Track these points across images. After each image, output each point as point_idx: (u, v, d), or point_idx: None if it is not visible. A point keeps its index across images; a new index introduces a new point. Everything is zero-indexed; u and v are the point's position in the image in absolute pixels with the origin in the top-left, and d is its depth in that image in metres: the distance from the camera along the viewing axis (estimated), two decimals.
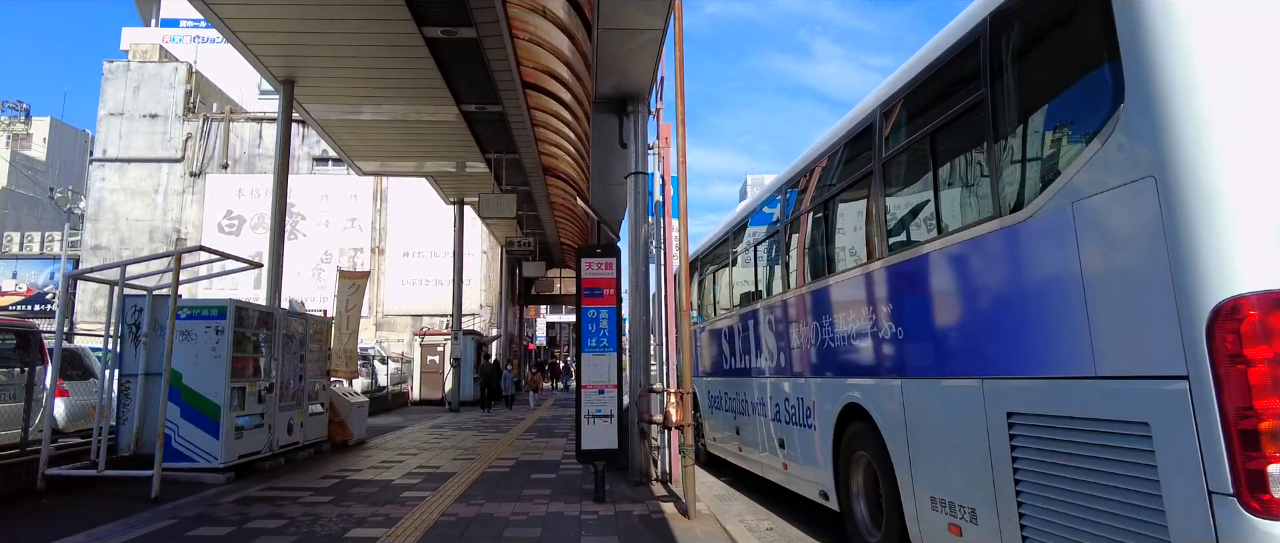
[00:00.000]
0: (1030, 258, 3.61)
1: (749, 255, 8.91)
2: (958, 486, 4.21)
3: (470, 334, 26.19)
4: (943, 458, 4.36)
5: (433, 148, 18.41)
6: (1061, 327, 3.34)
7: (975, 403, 3.98)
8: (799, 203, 7.05)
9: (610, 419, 7.44)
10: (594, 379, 7.51)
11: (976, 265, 4.05)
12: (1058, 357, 3.38)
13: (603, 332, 7.60)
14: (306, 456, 10.95)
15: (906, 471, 4.76)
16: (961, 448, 4.14)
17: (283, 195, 13.51)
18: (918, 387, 4.63)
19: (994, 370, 3.85)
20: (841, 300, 5.78)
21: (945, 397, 4.32)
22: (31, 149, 52.67)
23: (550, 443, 13.04)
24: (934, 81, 4.53)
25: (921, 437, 4.59)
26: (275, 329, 10.05)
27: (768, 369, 7.64)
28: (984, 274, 4.00)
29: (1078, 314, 3.22)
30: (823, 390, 6.20)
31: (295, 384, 10.79)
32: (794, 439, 6.90)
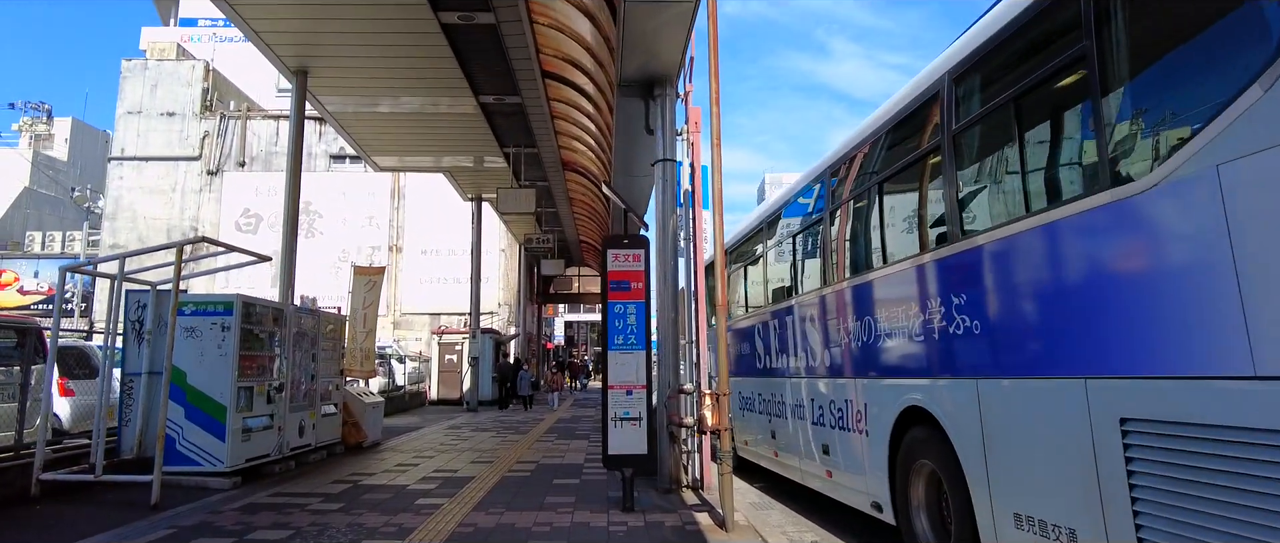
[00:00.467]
0: (1156, 234, 3.03)
1: (783, 249, 8.35)
2: (1051, 502, 3.63)
3: (488, 333, 25.77)
4: (1031, 470, 3.79)
5: (450, 142, 17.98)
6: (1202, 316, 2.77)
7: (1076, 407, 3.40)
8: (844, 189, 6.49)
9: (639, 423, 6.90)
10: (621, 379, 6.99)
11: (1079, 247, 3.47)
12: (1196, 353, 2.80)
13: (630, 328, 7.07)
14: (319, 459, 10.51)
15: (982, 483, 4.19)
16: (1057, 459, 3.57)
17: (296, 189, 13.10)
18: (999, 388, 4.06)
19: (1102, 369, 3.28)
20: (900, 293, 5.21)
21: (1035, 399, 3.75)
22: (53, 149, 52.90)
23: (571, 445, 12.54)
24: (1021, 36, 3.95)
25: (1003, 445, 4.02)
26: (285, 327, 9.61)
27: (808, 370, 7.08)
28: (1089, 257, 3.42)
29: (1226, 300, 2.65)
30: (875, 393, 5.63)
31: (307, 384, 10.35)
32: (840, 445, 6.33)
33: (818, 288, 6.90)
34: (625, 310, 7.09)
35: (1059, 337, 3.57)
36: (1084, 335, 3.40)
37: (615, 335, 7.06)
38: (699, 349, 8.07)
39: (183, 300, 8.42)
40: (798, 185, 7.90)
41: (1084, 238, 3.42)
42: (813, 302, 6.99)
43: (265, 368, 9.12)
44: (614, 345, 7.05)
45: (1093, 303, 3.37)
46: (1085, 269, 3.46)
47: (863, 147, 6.07)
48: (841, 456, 6.33)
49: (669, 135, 8.45)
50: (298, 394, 10.02)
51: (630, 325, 7.07)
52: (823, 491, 6.92)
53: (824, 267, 6.72)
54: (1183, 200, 2.87)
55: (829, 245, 6.58)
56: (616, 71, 9.03)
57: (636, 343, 7.05)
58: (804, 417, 7.24)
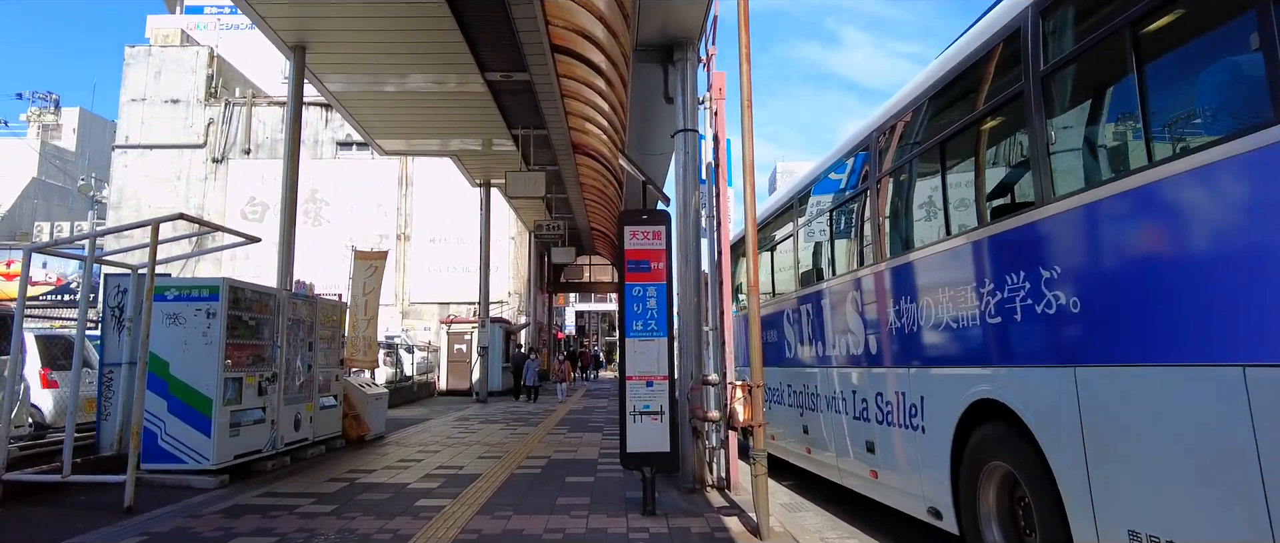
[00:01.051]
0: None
1: (816, 227, 7.63)
2: (1187, 517, 2.93)
3: (498, 322, 25.17)
4: (1157, 478, 3.08)
5: (457, 124, 17.30)
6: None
7: (1229, 400, 2.69)
8: (893, 157, 5.77)
9: (660, 417, 6.22)
10: (641, 369, 6.30)
11: (1236, 195, 2.75)
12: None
13: (650, 312, 6.38)
14: (316, 454, 9.89)
15: (1081, 492, 3.48)
16: (1198, 466, 2.86)
17: (294, 171, 12.49)
18: (1106, 378, 3.35)
19: (1270, 353, 2.56)
20: (967, 270, 4.50)
21: (1164, 391, 3.03)
22: (61, 139, 52.60)
23: (584, 439, 11.89)
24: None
25: (1112, 447, 3.31)
26: (279, 314, 8.97)
27: (848, 359, 6.37)
28: (1249, 211, 2.70)
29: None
30: (934, 384, 4.93)
31: (303, 375, 9.72)
32: (888, 443, 5.63)
33: (859, 268, 6.19)
34: (644, 293, 6.39)
35: (1204, 314, 2.85)
36: (1242, 309, 2.68)
37: (634, 321, 6.37)
38: (724, 336, 7.38)
39: (165, 285, 7.80)
40: (831, 158, 7.18)
41: (1244, 182, 2.69)
42: (853, 284, 6.28)
43: (257, 358, 8.49)
44: (632, 332, 6.37)
45: (1254, 267, 2.65)
46: (1238, 225, 2.74)
47: (915, 107, 5.34)
48: (890, 454, 5.63)
49: (690, 104, 7.73)
50: (293, 386, 9.39)
51: (650, 310, 6.37)
52: (866, 492, 6.23)
53: (868, 244, 6.00)
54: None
55: (874, 220, 5.85)
56: (632, 37, 8.32)
57: (657, 329, 6.36)
58: (842, 410, 6.54)
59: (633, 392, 6.25)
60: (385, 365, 22.58)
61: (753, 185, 5.64)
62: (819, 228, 7.45)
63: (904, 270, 5.35)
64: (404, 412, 17.97)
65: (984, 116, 4.51)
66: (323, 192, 31.70)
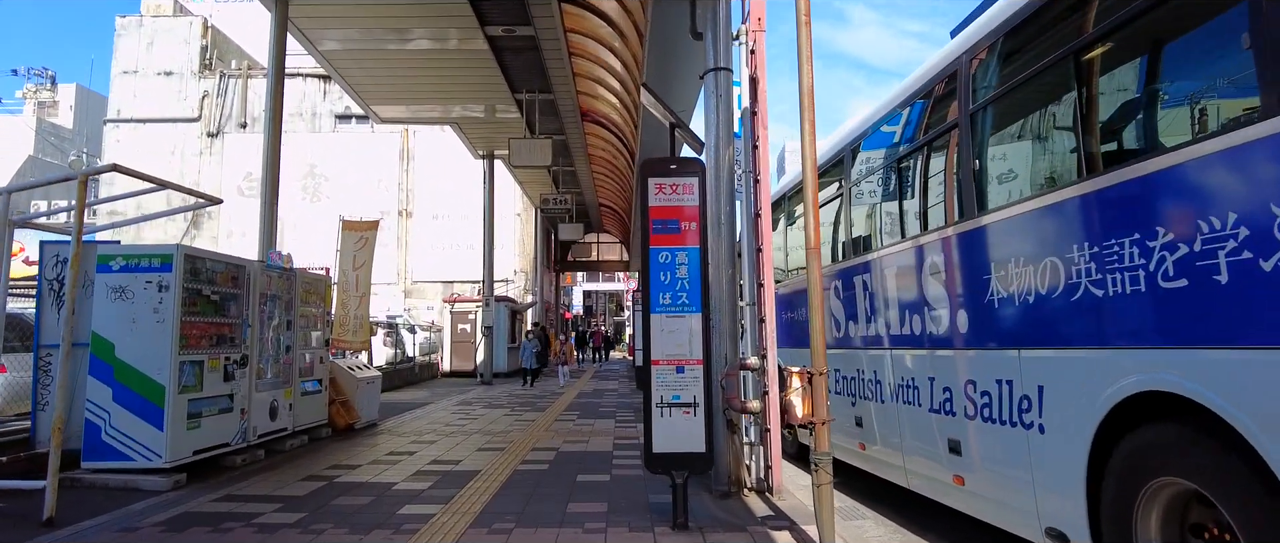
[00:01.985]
0: None
1: (878, 180, 6.47)
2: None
3: (503, 301, 24.10)
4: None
5: (457, 87, 16.12)
6: None
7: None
8: (1000, 78, 4.58)
9: (694, 410, 5.09)
10: (669, 352, 5.16)
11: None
12: None
13: (681, 282, 5.23)
14: (297, 445, 8.83)
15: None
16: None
17: (276, 135, 11.38)
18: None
19: None
20: (1135, 215, 3.33)
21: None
22: (58, 116, 51.50)
23: (595, 427, 10.80)
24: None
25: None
26: (249, 287, 7.87)
27: (924, 338, 5.23)
28: None
29: None
30: (1063, 370, 3.78)
31: (281, 357, 8.64)
32: (985, 444, 4.49)
33: (945, 227, 5.02)
34: (673, 260, 5.24)
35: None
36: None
37: (660, 293, 5.23)
38: (764, 312, 6.23)
39: (109, 253, 6.70)
40: (897, 97, 5.98)
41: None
42: (938, 246, 5.12)
43: (223, 338, 7.40)
44: (658, 306, 5.22)
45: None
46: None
47: (1038, 9, 4.14)
48: (986, 458, 4.50)
49: (722, 39, 6.52)
50: (268, 369, 8.31)
51: (680, 280, 5.22)
52: (944, 501, 5.10)
53: (960, 193, 4.83)
54: None
55: (968, 166, 4.67)
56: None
57: (689, 303, 5.21)
58: (914, 401, 5.40)
59: (660, 380, 5.12)
60: (385, 346, 21.57)
61: (812, 119, 4.47)
62: (880, 182, 6.28)
63: (1017, 226, 4.18)
64: (403, 395, 16.95)
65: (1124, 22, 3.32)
66: (321, 166, 30.59)
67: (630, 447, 8.86)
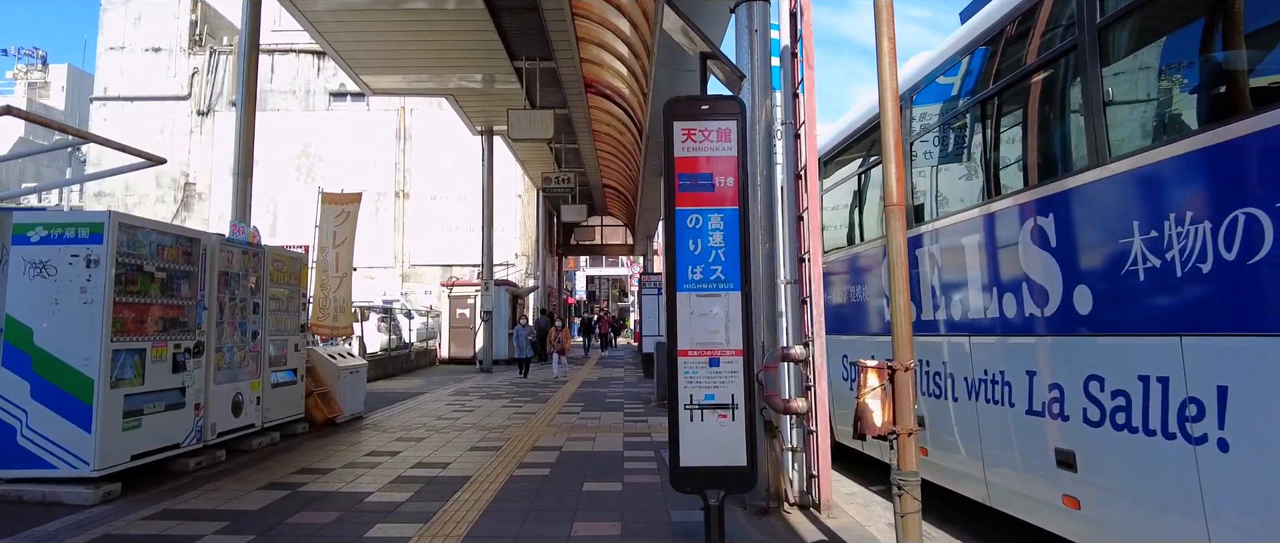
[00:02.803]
0: None
1: (949, 134, 5.40)
2: None
3: (503, 285, 23.07)
4: None
5: (452, 54, 14.99)
6: None
7: None
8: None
9: (732, 413, 4.05)
10: (700, 340, 4.11)
11: None
12: None
13: (715, 253, 4.17)
14: (265, 444, 7.80)
15: None
16: None
17: (251, 99, 10.31)
18: None
19: None
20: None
21: None
22: (49, 97, 50.35)
23: (602, 421, 9.78)
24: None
25: None
26: (205, 264, 6.82)
27: (1021, 322, 4.16)
28: None
29: None
30: (1266, 366, 2.71)
31: (246, 344, 7.60)
32: (1125, 461, 3.44)
33: (1053, 180, 3.94)
34: (704, 224, 4.17)
35: None
36: None
37: (688, 266, 4.16)
38: (809, 291, 5.17)
39: (28, 222, 5.65)
40: (976, 28, 4.89)
41: None
42: (1038, 207, 4.04)
43: (171, 322, 6.35)
44: (687, 282, 4.16)
45: None
46: None
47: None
48: (1123, 477, 3.44)
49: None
50: (230, 358, 7.28)
51: (714, 249, 4.16)
52: (1051, 528, 4.04)
53: (1083, 140, 3.74)
54: None
55: (1093, 102, 3.59)
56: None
57: (725, 278, 4.15)
58: (1003, 399, 4.34)
59: (688, 375, 4.07)
60: (379, 332, 20.58)
61: (892, 33, 3.39)
62: (952, 133, 5.21)
63: (1185, 169, 3.11)
64: (396, 384, 15.94)
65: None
66: (315, 146, 29.49)
67: (643, 445, 7.84)
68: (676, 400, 4.05)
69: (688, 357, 4.09)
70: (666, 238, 4.21)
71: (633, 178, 24.27)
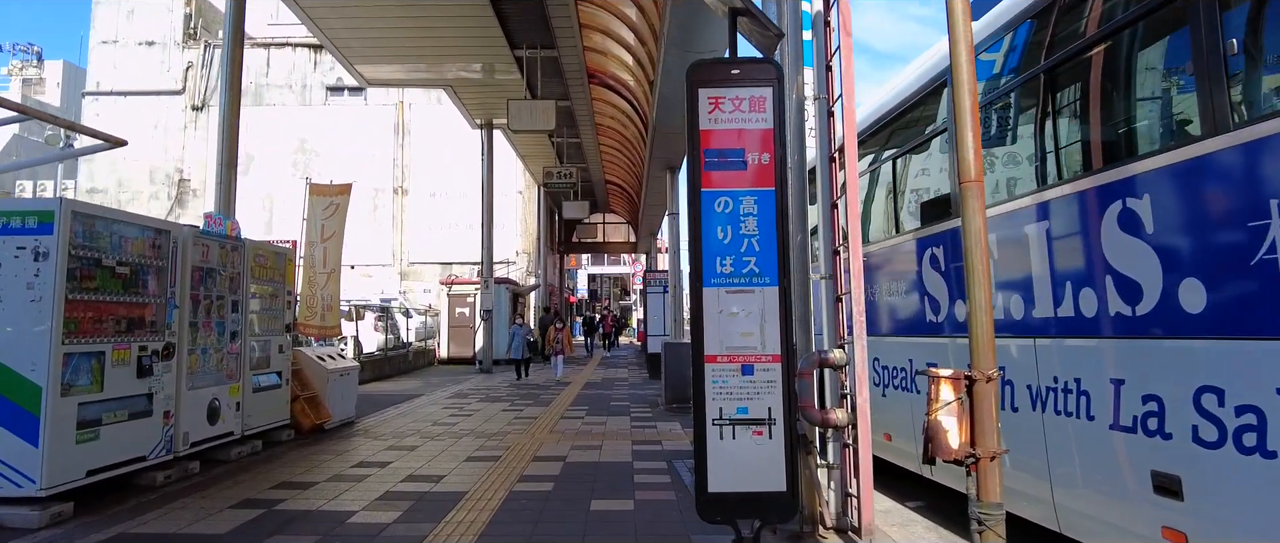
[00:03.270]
0: None
1: (1011, 105, 4.79)
2: None
3: (504, 283, 22.49)
4: None
5: (450, 42, 14.39)
6: None
7: None
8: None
9: (768, 429, 3.45)
10: (732, 343, 3.52)
11: None
12: None
13: (747, 242, 3.57)
14: (245, 454, 7.22)
15: None
16: None
17: (237, 75, 9.74)
18: None
19: None
20: None
21: None
22: (44, 94, 49.74)
23: (608, 427, 9.19)
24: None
25: None
26: (175, 259, 6.22)
27: (1104, 321, 3.56)
28: None
29: None
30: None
31: (224, 345, 7.02)
32: (1257, 493, 2.84)
33: (1154, 153, 3.34)
34: (735, 209, 3.58)
35: None
36: None
37: (717, 257, 3.57)
38: (846, 287, 4.56)
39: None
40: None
41: None
42: (1113, 189, 3.44)
43: (138, 322, 5.77)
44: (715, 277, 3.57)
45: None
46: None
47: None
48: (1255, 512, 2.84)
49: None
50: (206, 361, 6.69)
51: (747, 238, 3.57)
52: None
53: (1204, 103, 3.14)
54: None
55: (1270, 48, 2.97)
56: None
57: (760, 271, 3.56)
58: (1080, 412, 3.74)
59: (717, 384, 3.48)
60: (376, 332, 20.00)
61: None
62: (1013, 104, 4.60)
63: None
64: (392, 386, 15.36)
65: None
66: (312, 141, 28.89)
67: (653, 455, 7.25)
68: (703, 415, 3.46)
69: (716, 363, 3.50)
70: (691, 224, 3.61)
71: (636, 174, 23.66)
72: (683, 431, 8.82)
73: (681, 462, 6.88)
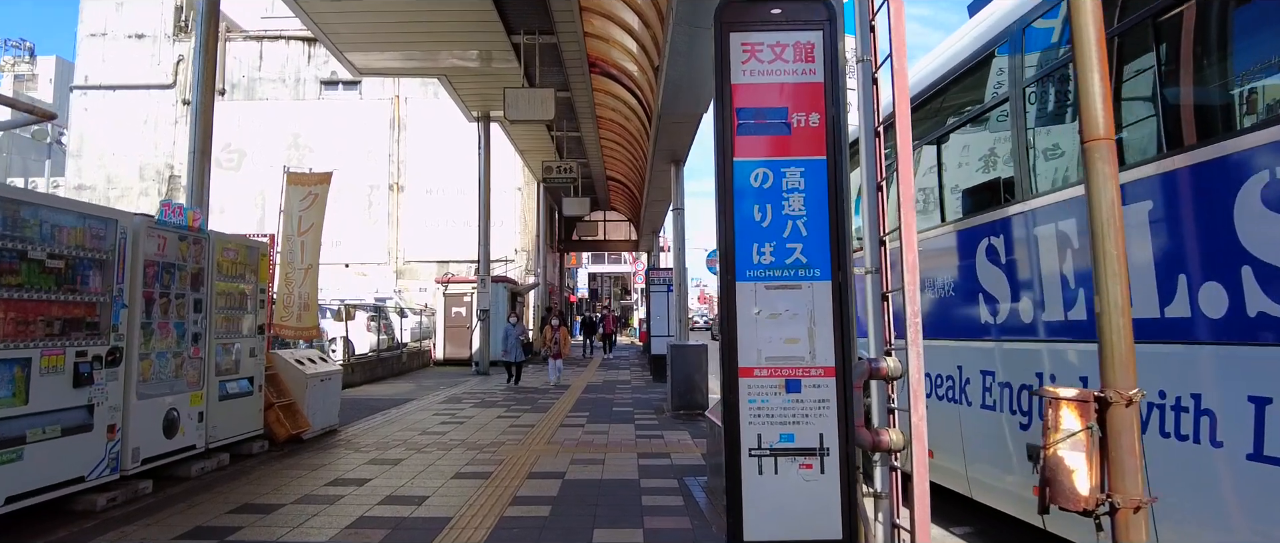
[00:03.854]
0: None
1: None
2: None
3: (502, 281, 21.77)
4: None
5: (444, 28, 13.65)
6: None
7: None
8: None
9: (819, 462, 2.72)
10: (774, 352, 2.80)
11: None
12: None
13: (791, 224, 2.85)
14: (208, 470, 6.48)
15: None
16: None
17: (212, 56, 9.02)
18: None
19: None
20: None
21: None
22: (37, 90, 49.02)
23: (612, 435, 8.46)
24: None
25: None
26: (125, 253, 5.49)
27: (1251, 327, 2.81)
28: None
29: None
30: None
31: (187, 349, 6.29)
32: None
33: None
34: (776, 183, 2.86)
35: None
36: None
37: (754, 244, 2.84)
38: (905, 281, 3.82)
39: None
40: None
41: None
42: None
43: (75, 323, 5.04)
44: (751, 269, 2.84)
45: None
46: None
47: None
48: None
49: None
50: (163, 367, 5.97)
51: (792, 218, 2.84)
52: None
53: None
54: None
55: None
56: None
57: (808, 261, 2.83)
58: (1208, 437, 3.00)
59: (754, 403, 2.75)
60: (369, 332, 19.27)
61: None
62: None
63: None
64: (383, 389, 14.63)
65: None
66: (306, 136, 28.15)
67: (662, 471, 6.53)
68: (737, 443, 2.73)
69: (754, 377, 2.77)
70: (720, 201, 2.88)
71: (639, 169, 22.91)
72: (693, 441, 8.09)
73: (695, 480, 6.16)
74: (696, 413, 10.15)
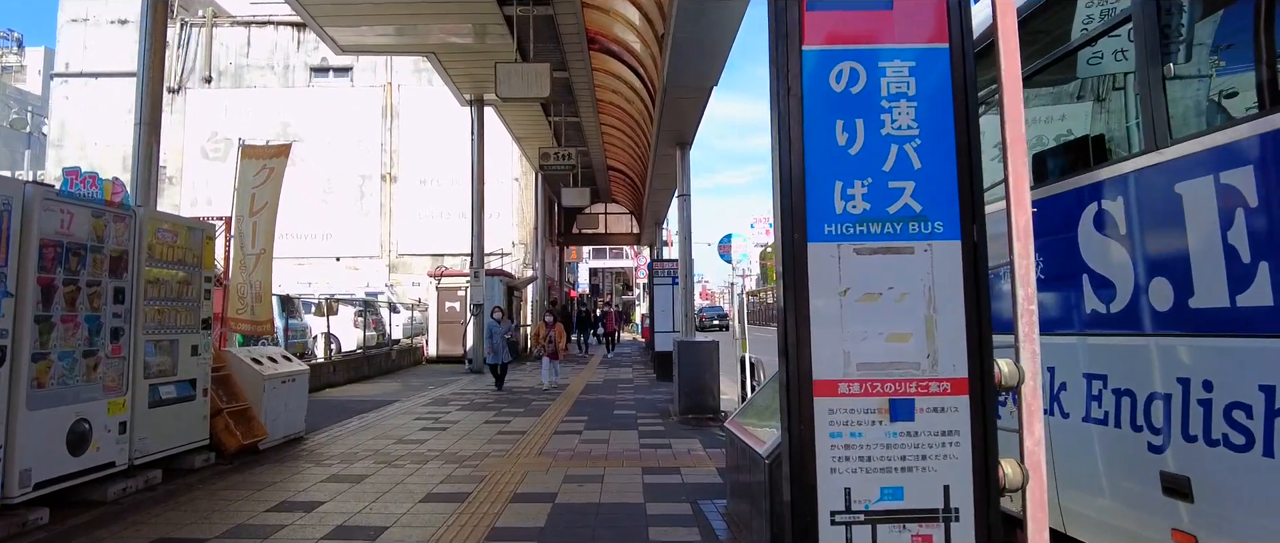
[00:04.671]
0: None
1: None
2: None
3: (497, 275, 20.70)
4: None
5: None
6: None
7: None
8: None
9: (944, 530, 1.65)
10: (869, 356, 1.72)
11: None
12: None
13: (896, 150, 1.79)
14: (132, 490, 5.44)
15: None
16: None
17: (160, 20, 7.99)
18: None
19: None
20: None
21: None
22: (25, 82, 47.93)
23: (612, 444, 7.41)
24: None
25: None
26: (6, 230, 4.44)
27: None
28: None
29: None
30: None
31: (102, 346, 5.24)
32: None
33: None
34: (873, 85, 1.80)
35: None
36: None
37: (839, 179, 1.78)
38: (1016, 260, 2.76)
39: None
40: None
41: None
42: None
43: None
44: (831, 222, 1.78)
45: None
46: None
47: None
48: None
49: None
50: (71, 370, 4.92)
51: (897, 140, 1.79)
52: None
53: None
54: None
55: None
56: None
57: (923, 210, 1.77)
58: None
59: (837, 437, 1.67)
60: (356, 328, 18.22)
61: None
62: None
63: None
64: (368, 389, 13.59)
65: None
66: (295, 125, 27.07)
67: (672, 492, 5.48)
68: (813, 499, 1.67)
69: (837, 397, 1.71)
70: (779, 119, 1.82)
71: (641, 158, 21.81)
72: (705, 451, 7.05)
73: (711, 504, 5.12)
74: (707, 418, 9.12)
